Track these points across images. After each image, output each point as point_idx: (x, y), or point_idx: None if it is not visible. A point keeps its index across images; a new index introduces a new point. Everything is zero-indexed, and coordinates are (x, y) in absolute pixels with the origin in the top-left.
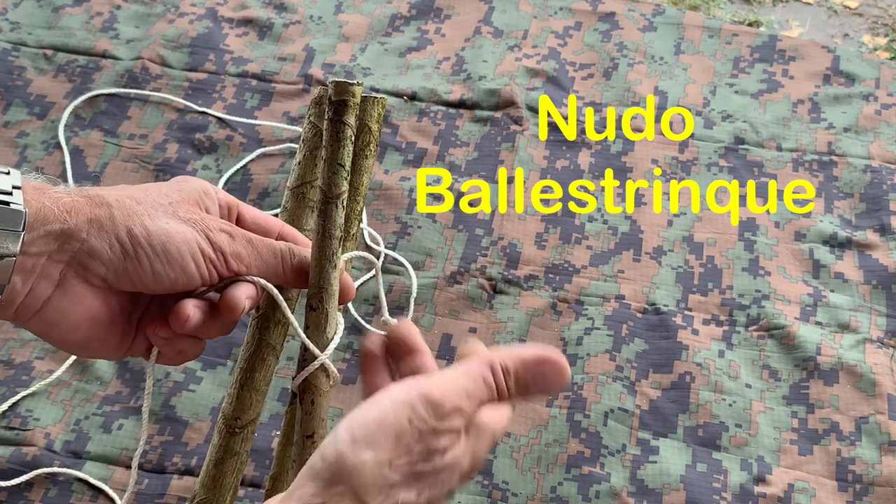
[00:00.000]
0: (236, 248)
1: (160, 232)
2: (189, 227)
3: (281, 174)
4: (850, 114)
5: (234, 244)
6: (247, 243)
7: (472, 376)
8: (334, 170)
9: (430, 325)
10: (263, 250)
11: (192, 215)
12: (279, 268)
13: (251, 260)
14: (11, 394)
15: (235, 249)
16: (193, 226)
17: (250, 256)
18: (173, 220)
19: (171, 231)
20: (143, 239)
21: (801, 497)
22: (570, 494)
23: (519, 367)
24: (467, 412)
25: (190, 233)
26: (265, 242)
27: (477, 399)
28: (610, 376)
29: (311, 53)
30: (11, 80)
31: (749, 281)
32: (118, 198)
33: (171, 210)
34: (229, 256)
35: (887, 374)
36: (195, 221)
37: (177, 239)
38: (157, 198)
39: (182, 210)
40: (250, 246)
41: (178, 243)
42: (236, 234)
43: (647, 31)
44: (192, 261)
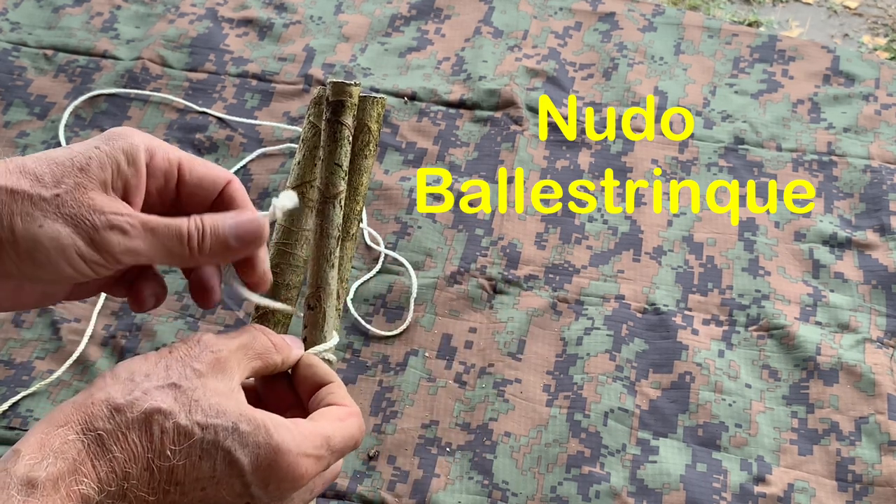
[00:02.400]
0: (130, 245)
1: (27, 237)
2: (69, 227)
3: (281, 174)
4: (849, 114)
5: (126, 240)
6: (146, 234)
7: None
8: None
9: (430, 325)
10: (166, 238)
11: (78, 210)
12: (185, 253)
13: (151, 252)
14: (12, 394)
15: (129, 246)
16: (76, 226)
17: (150, 248)
18: (50, 218)
19: (39, 236)
20: (6, 243)
21: (800, 497)
22: (570, 494)
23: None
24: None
25: (66, 236)
26: (169, 228)
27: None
28: (610, 376)
29: (311, 53)
30: (12, 81)
31: (749, 281)
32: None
33: (55, 204)
34: (119, 255)
35: (887, 374)
36: (80, 219)
37: (45, 245)
38: (51, 181)
39: (70, 202)
40: (150, 236)
41: (46, 249)
42: (132, 226)
43: (647, 31)
44: (66, 264)
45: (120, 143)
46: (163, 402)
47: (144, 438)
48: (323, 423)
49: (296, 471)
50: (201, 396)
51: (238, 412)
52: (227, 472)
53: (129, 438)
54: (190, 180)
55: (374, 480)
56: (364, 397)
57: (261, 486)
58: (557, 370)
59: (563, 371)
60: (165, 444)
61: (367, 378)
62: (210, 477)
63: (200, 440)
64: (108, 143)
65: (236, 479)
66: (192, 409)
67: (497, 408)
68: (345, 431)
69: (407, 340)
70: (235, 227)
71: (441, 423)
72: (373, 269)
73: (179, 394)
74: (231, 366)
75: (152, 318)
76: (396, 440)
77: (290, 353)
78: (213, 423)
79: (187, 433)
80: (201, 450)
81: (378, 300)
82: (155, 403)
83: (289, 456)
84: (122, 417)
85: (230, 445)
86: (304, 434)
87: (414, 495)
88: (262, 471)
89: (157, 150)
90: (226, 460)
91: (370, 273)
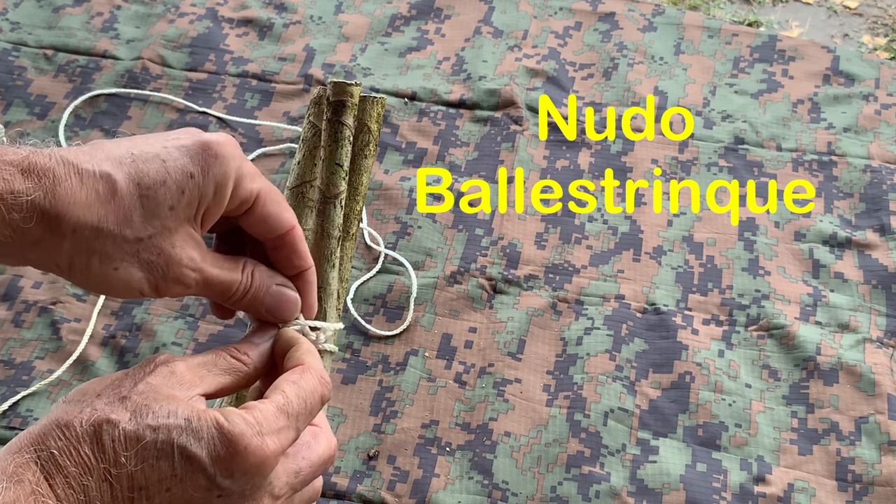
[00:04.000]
0: (185, 293)
1: (100, 275)
2: (142, 272)
3: (281, 174)
4: (849, 114)
5: (184, 292)
6: (201, 288)
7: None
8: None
9: (430, 324)
10: (216, 289)
11: (157, 259)
12: (225, 300)
13: (211, 293)
14: (11, 394)
15: (183, 293)
16: (148, 272)
17: (199, 293)
18: (127, 261)
19: (111, 277)
20: (80, 275)
21: (800, 497)
22: (570, 494)
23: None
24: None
25: (136, 280)
26: (222, 283)
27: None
28: (610, 376)
29: (311, 53)
30: (12, 81)
31: (749, 281)
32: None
33: (136, 248)
34: (173, 297)
35: (887, 374)
36: (154, 267)
37: (114, 284)
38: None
39: (151, 248)
40: (204, 288)
41: (113, 287)
42: (196, 283)
43: (647, 31)
44: (135, 295)
45: (215, 170)
46: (111, 413)
47: (96, 450)
48: (276, 394)
49: (259, 452)
50: (151, 401)
51: (188, 409)
52: (187, 468)
53: (82, 452)
54: (260, 213)
55: (373, 480)
56: (364, 397)
57: (226, 475)
58: (557, 370)
59: (563, 371)
60: (118, 451)
61: (367, 378)
62: (171, 476)
63: (154, 441)
64: (203, 170)
65: (199, 474)
66: (141, 414)
67: (497, 408)
68: (300, 391)
69: (407, 340)
70: (275, 298)
71: (441, 422)
72: (373, 269)
73: (129, 403)
74: (188, 379)
75: (152, 318)
76: (396, 440)
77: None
78: (164, 423)
79: (137, 437)
80: (156, 450)
81: (378, 300)
82: (102, 414)
83: (245, 438)
84: (72, 433)
85: (185, 441)
86: (258, 415)
87: (414, 495)
88: (222, 461)
89: (244, 180)
90: (183, 456)
91: (370, 273)
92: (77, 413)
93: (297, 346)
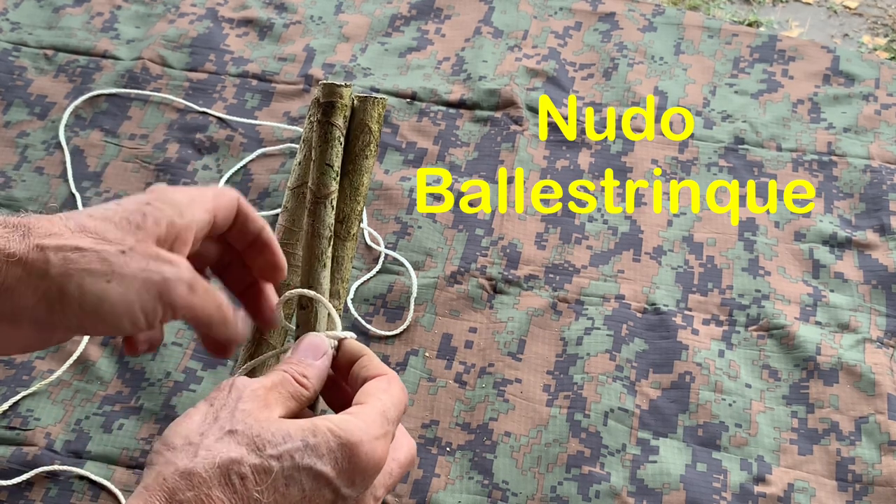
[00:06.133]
0: (191, 301)
1: (95, 293)
2: (137, 282)
3: (281, 174)
4: (849, 114)
5: (190, 296)
6: (205, 293)
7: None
8: (323, 170)
9: (430, 324)
10: (212, 302)
11: (146, 265)
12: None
13: (200, 312)
14: (12, 393)
15: (190, 302)
16: (144, 281)
17: (202, 308)
18: (118, 273)
19: (107, 292)
20: (74, 301)
21: (800, 497)
22: (570, 494)
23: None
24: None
25: (132, 291)
26: (214, 293)
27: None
28: (610, 376)
29: (312, 54)
30: (12, 81)
31: (749, 281)
32: (61, 247)
33: (121, 261)
34: (179, 310)
35: (887, 374)
36: (148, 274)
37: (113, 301)
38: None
39: (136, 259)
40: (206, 294)
41: (113, 305)
42: (196, 283)
43: (647, 31)
44: (128, 320)
45: (169, 199)
46: (231, 451)
47: (228, 491)
48: (373, 400)
49: (374, 456)
50: (261, 430)
51: (299, 427)
52: (315, 487)
53: (214, 496)
54: (219, 217)
55: None
56: None
57: (348, 484)
58: (557, 370)
59: (563, 371)
60: (250, 488)
61: None
62: (302, 498)
63: (281, 470)
64: (158, 200)
65: (326, 489)
66: (259, 446)
67: (497, 408)
68: (394, 399)
69: (407, 340)
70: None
71: (441, 422)
72: (373, 269)
73: (241, 437)
74: (271, 401)
75: None
76: None
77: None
78: (285, 450)
79: (266, 469)
80: (285, 479)
81: (378, 300)
82: (223, 455)
83: (363, 445)
84: (199, 479)
85: (309, 462)
86: (366, 419)
87: (414, 495)
88: (346, 472)
89: (197, 203)
90: (311, 476)
91: (370, 273)
92: (193, 457)
93: (367, 355)
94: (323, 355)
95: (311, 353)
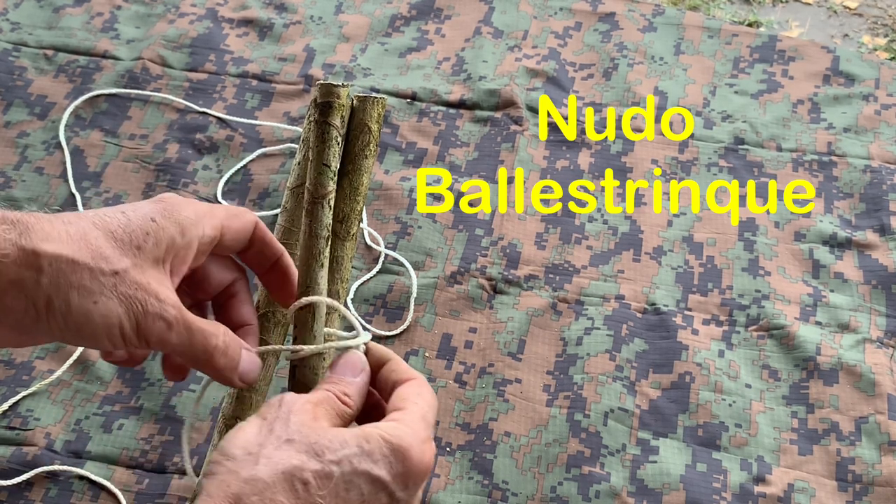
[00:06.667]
0: (167, 337)
1: (81, 311)
2: (122, 307)
3: (281, 174)
4: (849, 114)
5: (166, 333)
6: (184, 332)
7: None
8: (320, 170)
9: (430, 325)
10: (197, 344)
11: (135, 292)
12: (202, 362)
13: (178, 348)
14: (12, 394)
15: (166, 338)
16: (128, 307)
17: (180, 345)
18: (106, 295)
19: (92, 312)
20: (59, 314)
21: (800, 497)
22: (570, 494)
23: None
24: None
25: (116, 315)
26: (204, 336)
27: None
28: (610, 376)
29: (312, 54)
30: (12, 81)
31: (749, 281)
32: (56, 257)
33: (113, 282)
34: (154, 343)
35: (887, 374)
36: (133, 301)
37: (96, 321)
38: (111, 256)
39: (128, 281)
40: (186, 334)
41: (95, 325)
42: (176, 321)
43: (647, 31)
44: (107, 340)
45: (175, 216)
46: (292, 458)
47: (292, 496)
48: (411, 405)
49: (424, 459)
50: (318, 438)
51: (353, 434)
52: (373, 491)
53: (278, 501)
54: (228, 237)
55: None
56: None
57: (402, 488)
58: (557, 370)
59: (563, 371)
60: (312, 493)
61: None
62: (360, 503)
63: (340, 475)
64: (163, 216)
65: (382, 493)
66: (318, 452)
67: (497, 408)
68: (429, 402)
69: (407, 340)
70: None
71: (441, 422)
72: (373, 269)
73: (299, 445)
74: (318, 414)
75: None
76: None
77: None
78: (343, 455)
79: (327, 475)
80: (345, 483)
81: (378, 300)
82: (286, 462)
83: (414, 450)
84: (263, 485)
85: (367, 467)
86: (412, 424)
87: None
88: (400, 476)
89: (206, 220)
90: (368, 480)
91: (370, 273)
92: (255, 465)
93: (394, 359)
94: (361, 372)
95: (349, 370)
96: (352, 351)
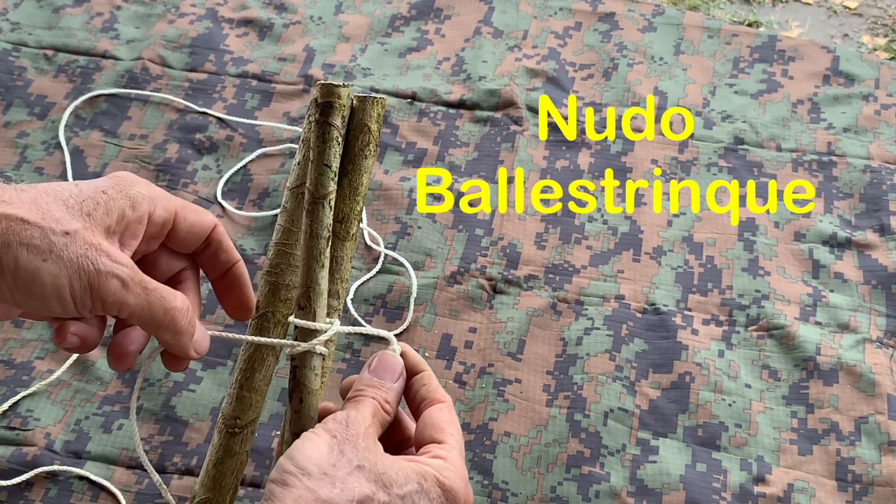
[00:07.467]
0: (124, 298)
1: (29, 269)
2: (71, 267)
3: (281, 174)
4: (849, 114)
5: (122, 292)
6: (140, 292)
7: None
8: (321, 170)
9: (430, 325)
10: (156, 303)
11: (86, 251)
12: (163, 325)
13: (137, 310)
14: (12, 394)
15: (122, 298)
16: (78, 267)
17: (138, 307)
18: (55, 255)
19: (41, 270)
20: (7, 271)
21: (800, 497)
22: (570, 494)
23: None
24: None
25: (65, 276)
26: (162, 295)
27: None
28: (610, 376)
29: (312, 54)
30: (12, 81)
31: (749, 281)
32: (6, 215)
33: (63, 242)
34: (110, 304)
35: (887, 374)
36: (84, 260)
37: (43, 279)
38: (62, 218)
39: (78, 241)
40: (144, 294)
41: (43, 284)
42: (131, 280)
43: (646, 31)
44: (57, 302)
45: (126, 190)
46: (364, 488)
47: None
48: (449, 438)
49: (468, 496)
50: (385, 469)
51: (412, 471)
52: None
53: None
54: (182, 227)
55: None
56: None
57: None
58: (557, 370)
59: (563, 371)
60: None
61: None
62: None
63: None
64: (114, 189)
65: None
66: (386, 483)
67: (497, 408)
68: (460, 432)
69: (407, 340)
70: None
71: None
72: (373, 269)
73: (368, 473)
74: (372, 433)
75: None
76: None
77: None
78: (407, 491)
79: None
80: None
81: (378, 300)
82: (359, 490)
83: (460, 491)
84: None
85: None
86: (456, 464)
87: None
88: None
89: (159, 200)
90: None
91: (370, 273)
92: (332, 488)
93: (427, 372)
94: (400, 377)
95: (389, 375)
96: (389, 353)
